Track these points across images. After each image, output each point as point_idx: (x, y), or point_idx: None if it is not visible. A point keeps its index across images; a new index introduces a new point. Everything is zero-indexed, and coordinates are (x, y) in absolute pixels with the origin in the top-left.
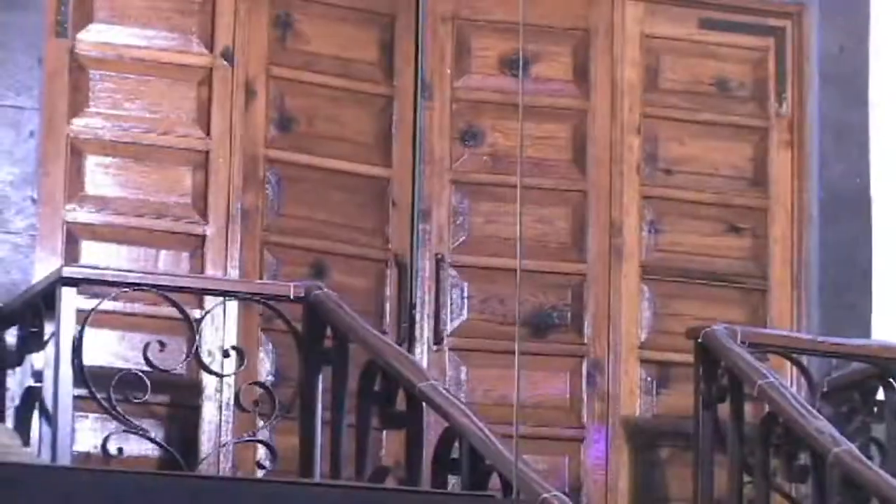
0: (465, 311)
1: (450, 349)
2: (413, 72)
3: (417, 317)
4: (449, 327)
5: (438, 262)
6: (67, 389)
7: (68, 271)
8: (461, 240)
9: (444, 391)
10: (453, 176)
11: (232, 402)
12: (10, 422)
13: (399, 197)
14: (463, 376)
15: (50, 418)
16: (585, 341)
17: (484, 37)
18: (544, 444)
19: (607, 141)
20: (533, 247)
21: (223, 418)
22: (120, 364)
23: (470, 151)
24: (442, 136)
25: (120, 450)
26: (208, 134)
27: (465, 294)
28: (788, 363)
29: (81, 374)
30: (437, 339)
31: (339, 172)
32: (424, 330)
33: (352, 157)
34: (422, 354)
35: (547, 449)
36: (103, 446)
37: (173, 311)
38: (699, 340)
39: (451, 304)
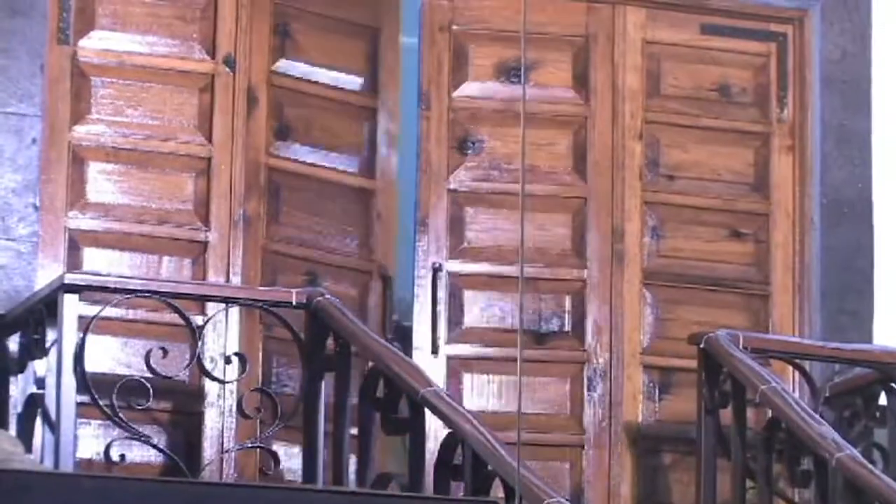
0: (464, 319)
1: (450, 357)
2: (398, 83)
3: (415, 326)
4: (449, 335)
5: (436, 270)
6: (70, 396)
7: (70, 278)
8: (459, 248)
9: (446, 397)
10: (451, 185)
11: (234, 408)
12: (12, 429)
13: (384, 209)
14: (463, 384)
15: (52, 425)
16: (587, 348)
17: (481, 45)
18: (546, 451)
19: (608, 147)
20: (533, 254)
21: (225, 425)
22: (122, 370)
23: (468, 160)
24: (439, 145)
25: (122, 456)
26: (210, 140)
27: (464, 302)
28: (791, 368)
29: (84, 381)
30: (435, 347)
31: (330, 183)
32: (423, 339)
33: (341, 167)
34: (420, 363)
35: (549, 455)
36: (106, 453)
37: (175, 318)
38: (701, 346)
39: (451, 313)
